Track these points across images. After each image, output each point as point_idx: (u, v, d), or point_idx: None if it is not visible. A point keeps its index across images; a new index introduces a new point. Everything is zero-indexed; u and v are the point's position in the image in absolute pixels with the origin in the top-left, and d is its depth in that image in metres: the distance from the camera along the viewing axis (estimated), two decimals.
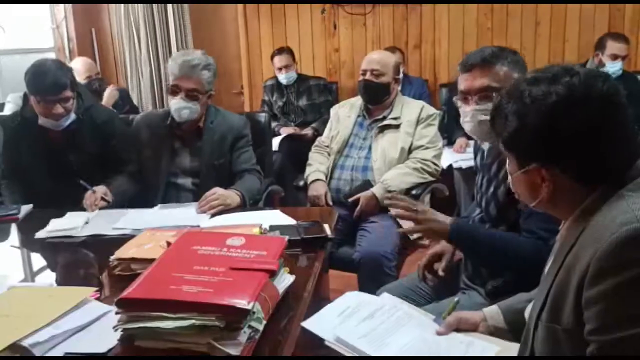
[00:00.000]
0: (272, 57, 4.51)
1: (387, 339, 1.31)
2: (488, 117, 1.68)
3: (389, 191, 2.50)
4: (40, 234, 1.97)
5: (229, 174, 2.49)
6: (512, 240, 1.60)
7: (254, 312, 1.15)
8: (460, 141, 3.97)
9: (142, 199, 2.39)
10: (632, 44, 4.43)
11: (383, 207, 2.53)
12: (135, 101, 4.80)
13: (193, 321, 1.11)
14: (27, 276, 1.80)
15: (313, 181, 2.70)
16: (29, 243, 2.08)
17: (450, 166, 3.76)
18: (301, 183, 2.89)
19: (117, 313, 1.16)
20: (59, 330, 1.20)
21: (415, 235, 2.49)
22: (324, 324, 1.36)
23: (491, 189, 1.74)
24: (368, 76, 2.70)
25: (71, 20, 4.74)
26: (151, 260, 1.53)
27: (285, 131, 4.24)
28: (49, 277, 1.76)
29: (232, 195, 2.24)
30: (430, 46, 4.75)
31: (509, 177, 1.19)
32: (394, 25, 4.76)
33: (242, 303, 1.12)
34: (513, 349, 1.24)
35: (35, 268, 1.88)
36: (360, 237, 2.48)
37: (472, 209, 1.91)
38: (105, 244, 1.92)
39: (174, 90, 2.42)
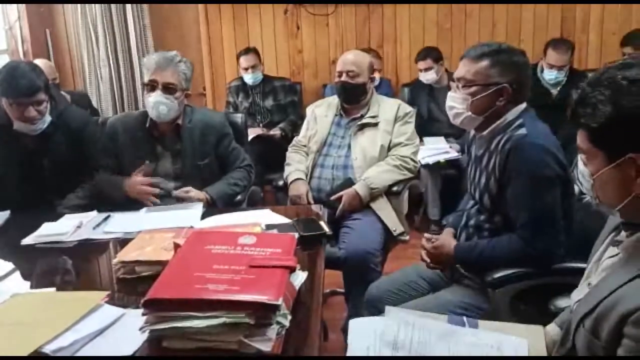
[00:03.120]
0: (238, 57, 4.48)
1: None
2: (454, 104, 1.82)
3: (372, 189, 2.54)
4: (28, 240, 1.91)
5: (214, 174, 2.49)
6: (502, 248, 1.73)
7: (280, 308, 1.16)
8: None
9: (125, 205, 2.30)
10: (582, 43, 4.69)
11: (365, 204, 2.58)
12: (94, 104, 4.68)
13: (224, 319, 1.11)
14: None
15: (294, 180, 2.71)
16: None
17: None
18: (280, 183, 2.89)
19: (144, 314, 1.14)
20: (79, 335, 1.18)
21: (397, 231, 2.56)
22: None
23: (483, 180, 1.81)
24: (344, 78, 2.72)
25: (25, 21, 4.56)
26: (156, 262, 1.53)
27: (253, 132, 4.22)
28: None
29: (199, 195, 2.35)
30: (392, 46, 4.84)
31: (588, 180, 1.14)
32: (357, 26, 4.82)
33: (270, 299, 1.13)
34: (540, 337, 1.27)
35: None
36: (344, 235, 2.50)
37: (466, 201, 1.97)
38: (97, 248, 1.89)
39: (151, 86, 2.39)
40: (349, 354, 1.32)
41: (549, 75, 4.01)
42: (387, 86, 4.52)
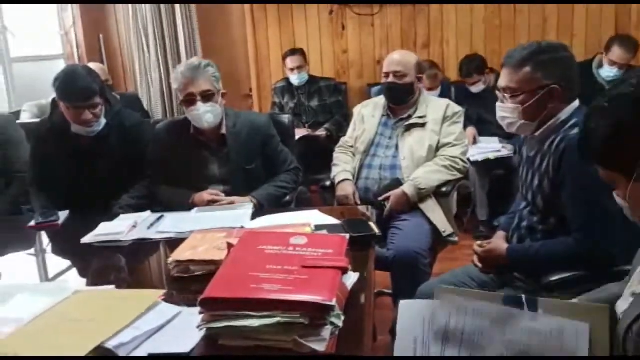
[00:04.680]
0: (284, 58, 4.52)
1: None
2: (505, 114, 1.78)
3: (420, 189, 2.52)
4: (86, 239, 1.97)
5: (261, 177, 2.50)
6: (557, 250, 1.70)
7: (334, 308, 1.17)
8: (469, 130, 3.99)
9: (173, 210, 2.29)
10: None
11: (413, 205, 2.56)
12: (145, 106, 4.80)
13: (278, 319, 1.12)
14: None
15: (341, 181, 2.71)
16: (59, 250, 2.10)
17: None
18: (327, 183, 2.90)
19: (200, 313, 1.17)
20: (140, 332, 1.21)
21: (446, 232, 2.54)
22: None
23: (536, 182, 1.77)
24: (391, 79, 2.70)
25: (79, 27, 4.75)
26: (209, 262, 1.57)
27: (298, 133, 4.24)
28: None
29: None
30: (439, 45, 4.79)
31: (625, 206, 1.16)
32: (402, 25, 4.80)
33: (325, 299, 1.14)
34: (604, 319, 1.21)
35: (50, 275, 1.90)
36: (393, 235, 2.49)
37: (518, 202, 1.94)
38: (151, 247, 1.94)
39: (190, 100, 2.37)
40: (396, 344, 1.30)
41: (609, 72, 3.87)
42: (447, 90, 4.43)
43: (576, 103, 1.76)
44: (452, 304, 1.31)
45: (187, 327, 1.24)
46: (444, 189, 2.59)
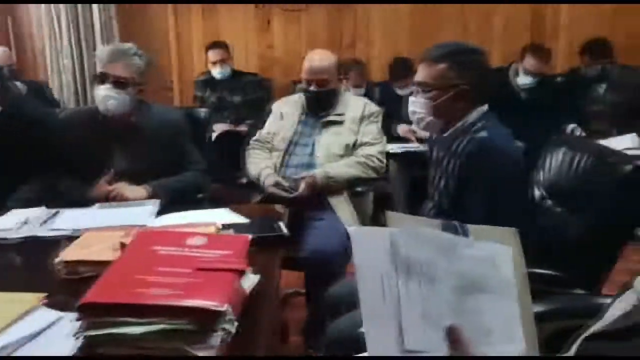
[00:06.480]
0: (206, 51, 4.40)
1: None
2: (416, 109, 1.78)
3: (329, 177, 2.49)
4: None
5: (168, 173, 2.37)
6: None
7: (226, 314, 1.10)
8: (403, 127, 4.01)
9: (76, 205, 2.14)
10: (553, 50, 4.71)
11: (319, 191, 2.50)
12: (56, 95, 4.54)
13: (163, 326, 1.04)
14: None
15: (267, 178, 2.60)
16: None
17: None
18: (244, 180, 2.82)
19: (78, 319, 1.07)
20: (11, 339, 1.10)
21: None
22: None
23: (442, 182, 1.79)
24: (314, 87, 2.63)
25: None
26: (100, 263, 1.45)
27: (220, 128, 4.14)
28: None
29: (136, 191, 2.22)
30: (365, 45, 4.81)
31: None
32: (329, 23, 4.77)
33: (215, 305, 1.07)
34: (516, 243, 1.12)
35: None
36: (307, 235, 2.44)
37: (426, 203, 1.94)
38: (42, 246, 1.80)
39: (101, 79, 2.27)
40: (359, 285, 1.14)
41: (524, 80, 3.98)
42: (371, 90, 4.40)
43: (484, 107, 1.78)
44: (407, 231, 1.09)
45: (67, 334, 1.12)
46: (359, 188, 2.57)
